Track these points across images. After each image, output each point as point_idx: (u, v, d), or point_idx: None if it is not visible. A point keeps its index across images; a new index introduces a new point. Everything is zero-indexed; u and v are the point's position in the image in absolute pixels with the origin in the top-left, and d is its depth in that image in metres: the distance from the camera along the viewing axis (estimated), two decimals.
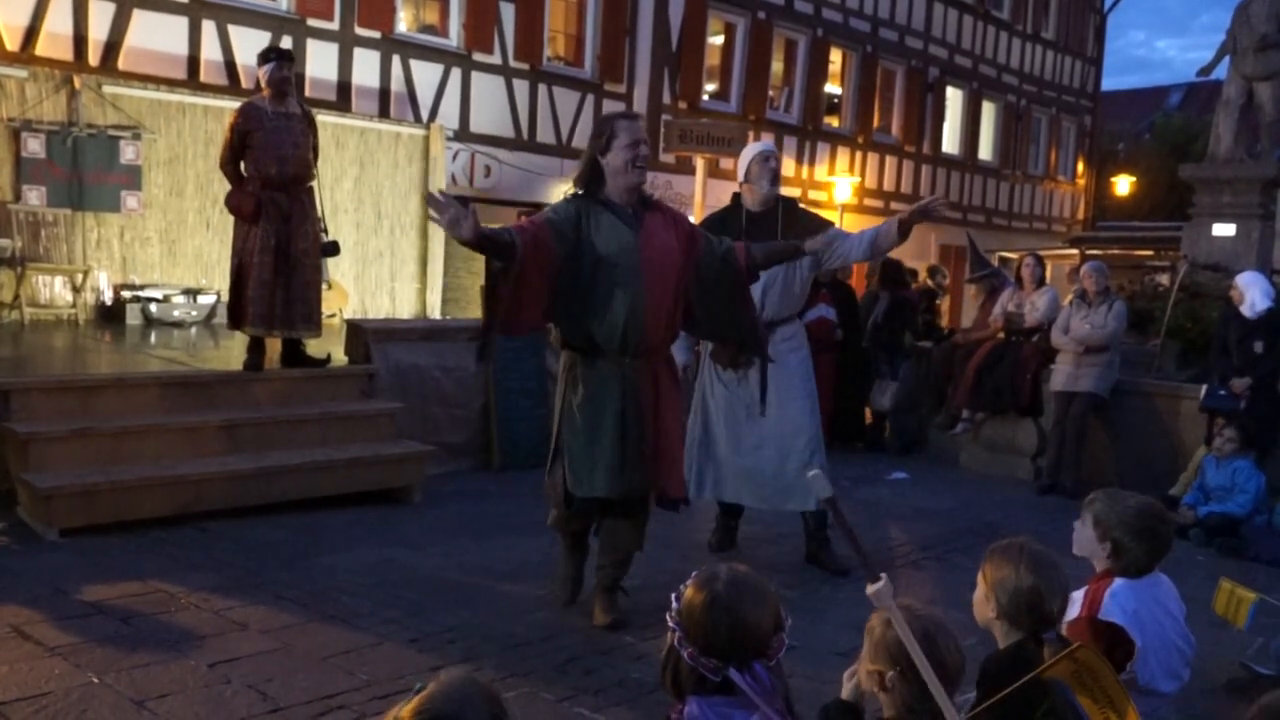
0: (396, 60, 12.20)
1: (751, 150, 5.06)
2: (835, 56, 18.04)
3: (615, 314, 3.80)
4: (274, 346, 6.11)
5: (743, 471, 4.96)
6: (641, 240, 3.84)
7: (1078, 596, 2.67)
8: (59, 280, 8.72)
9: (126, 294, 8.79)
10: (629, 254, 3.80)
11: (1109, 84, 25.99)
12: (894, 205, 19.48)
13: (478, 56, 12.94)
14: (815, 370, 5.15)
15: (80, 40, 9.80)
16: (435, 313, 11.06)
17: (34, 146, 8.44)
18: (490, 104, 13.13)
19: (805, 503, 4.98)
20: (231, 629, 3.79)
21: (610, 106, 14.49)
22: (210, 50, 10.66)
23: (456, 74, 12.79)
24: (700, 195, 10.34)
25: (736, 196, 5.03)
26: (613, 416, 3.85)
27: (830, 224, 4.95)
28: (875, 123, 18.82)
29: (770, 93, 16.91)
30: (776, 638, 1.85)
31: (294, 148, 5.79)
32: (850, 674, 2.09)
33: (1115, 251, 16.19)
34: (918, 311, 9.51)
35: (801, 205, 5.12)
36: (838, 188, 17.23)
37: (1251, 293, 6.81)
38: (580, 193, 3.92)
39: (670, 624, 1.88)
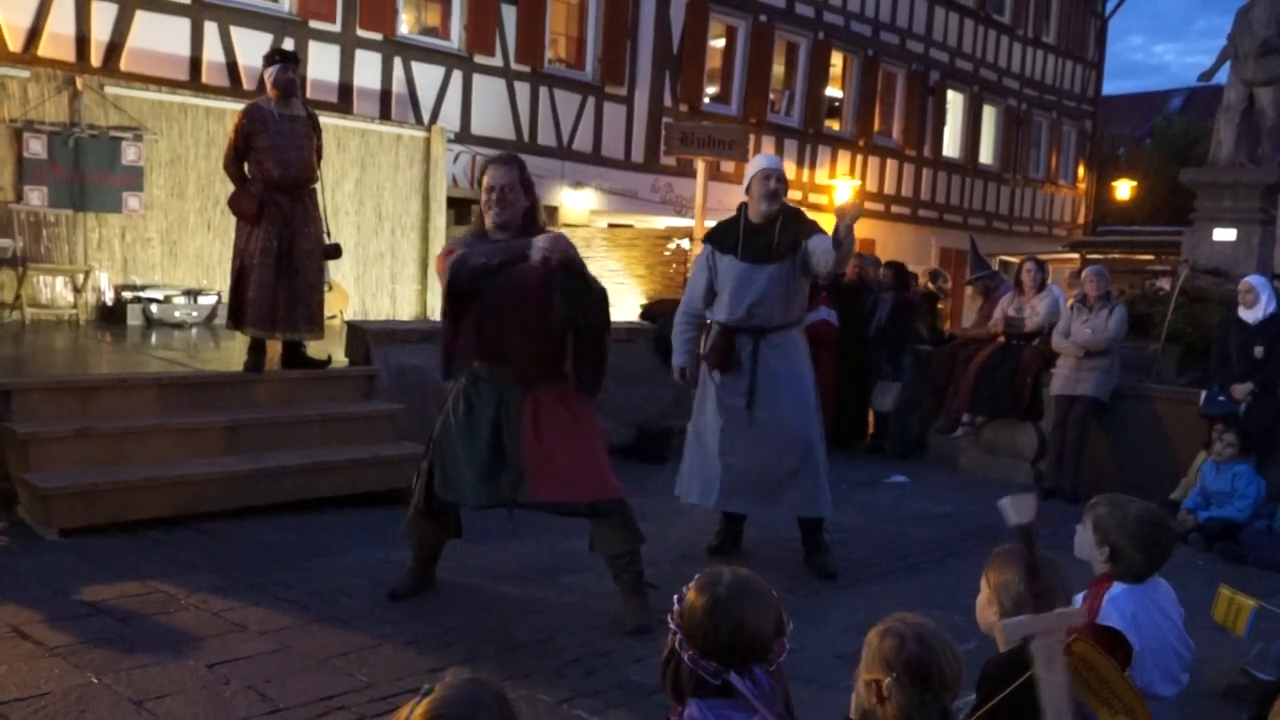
0: (398, 62, 12.22)
1: (754, 166, 5.02)
2: (836, 60, 18.06)
3: (485, 343, 3.97)
4: (274, 348, 6.10)
5: (737, 475, 4.97)
6: (502, 277, 3.89)
7: (1077, 600, 2.67)
8: (60, 280, 8.72)
9: (127, 294, 8.80)
10: (492, 289, 3.90)
11: (1108, 88, 26.00)
12: (894, 209, 19.52)
13: (479, 59, 12.95)
14: (814, 372, 5.16)
15: (82, 41, 9.81)
16: (436, 315, 11.05)
17: (36, 147, 8.44)
18: (491, 106, 13.14)
19: (796, 508, 4.99)
20: (231, 630, 3.78)
21: (611, 109, 14.52)
22: (212, 51, 10.68)
23: (458, 76, 12.81)
24: (701, 198, 10.33)
25: (743, 206, 5.05)
26: (487, 434, 3.99)
27: (820, 233, 4.88)
28: (876, 126, 18.84)
29: (771, 96, 16.93)
30: (778, 642, 1.85)
31: (298, 150, 5.80)
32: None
33: (1116, 256, 16.21)
34: (920, 313, 9.52)
35: (801, 212, 5.08)
36: (838, 191, 17.24)
37: (1265, 294, 6.81)
38: (463, 239, 4.17)
39: (671, 626, 1.88)
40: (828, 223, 5.03)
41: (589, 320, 3.93)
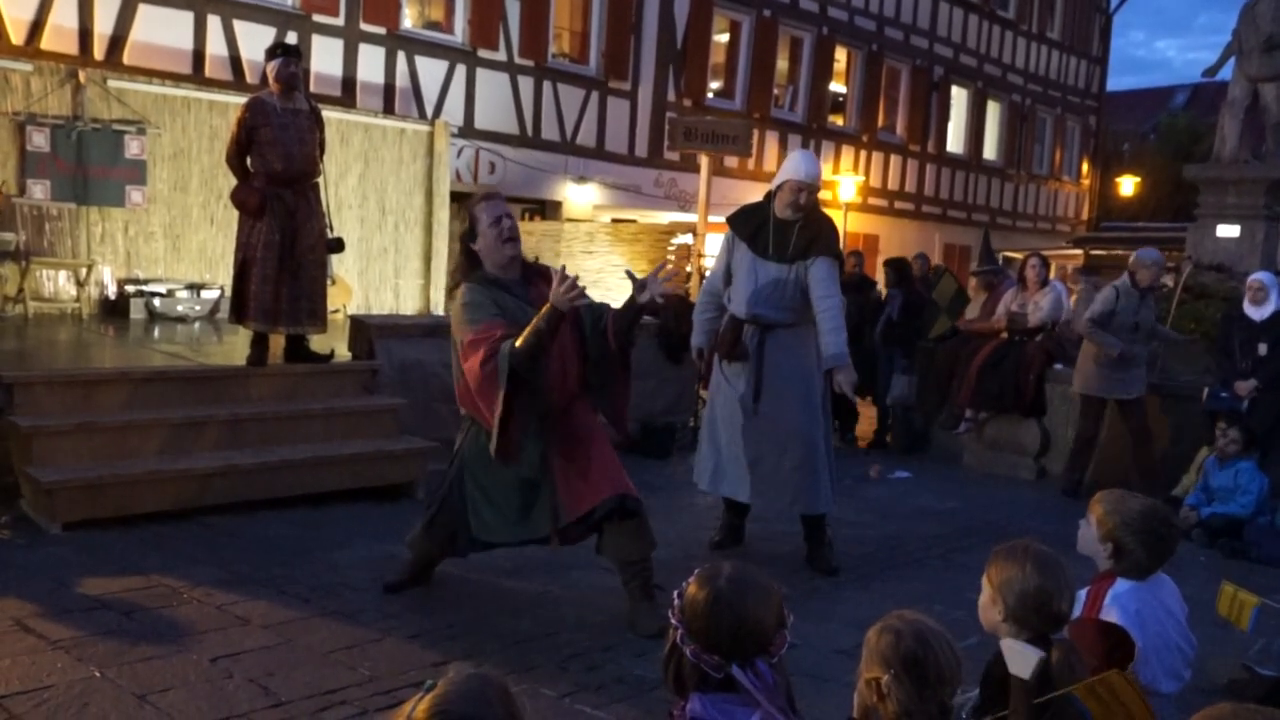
0: (401, 56, 12.21)
1: (792, 169, 4.92)
2: (840, 55, 18.04)
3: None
4: (277, 342, 6.10)
5: (741, 466, 4.98)
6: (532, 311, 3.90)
7: (1080, 596, 2.67)
8: (63, 274, 8.73)
9: (130, 288, 8.80)
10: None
11: (1110, 84, 25.93)
12: (898, 204, 19.50)
13: (483, 53, 12.94)
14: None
15: (85, 34, 9.82)
16: (439, 309, 11.06)
17: (39, 140, 8.44)
18: (495, 101, 13.14)
19: (799, 504, 4.98)
20: (233, 624, 3.79)
21: (615, 104, 14.51)
22: (215, 45, 10.68)
23: (461, 70, 12.80)
24: (704, 193, 10.31)
25: (770, 195, 5.02)
26: (522, 478, 3.96)
27: (832, 251, 4.86)
28: (880, 121, 18.82)
29: (775, 91, 16.91)
30: (779, 635, 1.85)
31: (300, 144, 5.79)
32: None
33: (1119, 252, 16.18)
34: (928, 308, 9.48)
35: (823, 220, 4.99)
36: (842, 186, 17.23)
37: (1274, 292, 6.75)
38: (470, 282, 3.97)
39: (672, 621, 1.88)
40: (835, 218, 5.04)
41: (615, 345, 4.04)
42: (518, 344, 3.71)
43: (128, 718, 3.01)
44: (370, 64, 11.92)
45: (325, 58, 11.49)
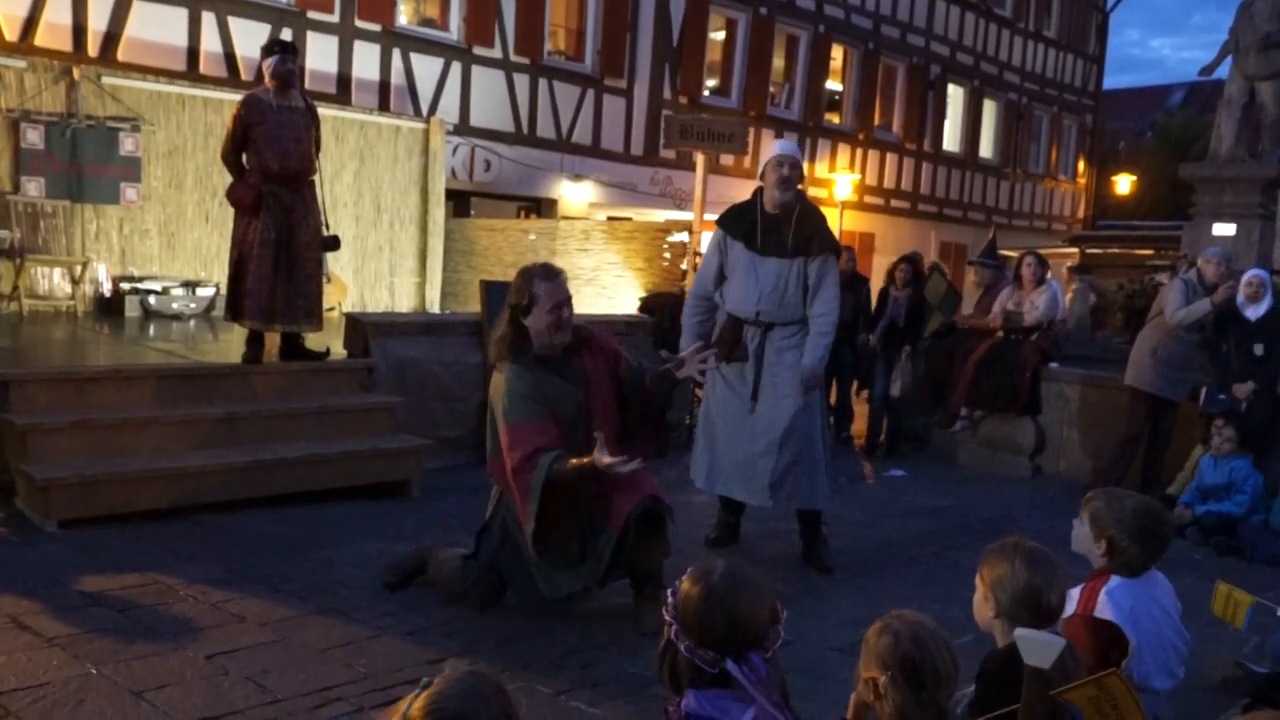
0: (397, 53, 12.21)
1: (769, 152, 4.98)
2: (837, 53, 18.05)
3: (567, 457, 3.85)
4: (273, 339, 6.10)
5: (737, 465, 4.97)
6: (584, 391, 3.93)
7: (1074, 594, 2.68)
8: (58, 272, 8.71)
9: (125, 286, 8.79)
10: (577, 408, 3.91)
11: (1106, 83, 25.96)
12: (894, 203, 19.52)
13: (478, 50, 12.94)
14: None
15: (79, 31, 9.80)
16: (434, 307, 11.07)
17: (33, 137, 8.43)
18: (490, 98, 13.13)
19: (795, 499, 4.99)
20: (229, 621, 3.79)
21: (611, 101, 14.51)
22: (210, 42, 10.67)
23: (457, 68, 12.79)
24: (700, 191, 10.31)
25: (758, 192, 5.01)
26: (578, 541, 3.95)
27: (832, 247, 4.87)
28: (876, 120, 18.84)
29: (771, 89, 16.92)
30: (773, 630, 1.86)
31: (296, 141, 5.78)
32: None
33: (1115, 250, 16.22)
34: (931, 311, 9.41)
35: (816, 211, 5.00)
36: (838, 185, 17.24)
37: (1269, 291, 6.70)
38: (516, 361, 3.93)
39: (667, 618, 1.88)
40: (831, 216, 5.03)
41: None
42: (556, 467, 3.73)
43: (124, 715, 3.01)
44: (365, 61, 11.92)
45: (320, 55, 11.48)
